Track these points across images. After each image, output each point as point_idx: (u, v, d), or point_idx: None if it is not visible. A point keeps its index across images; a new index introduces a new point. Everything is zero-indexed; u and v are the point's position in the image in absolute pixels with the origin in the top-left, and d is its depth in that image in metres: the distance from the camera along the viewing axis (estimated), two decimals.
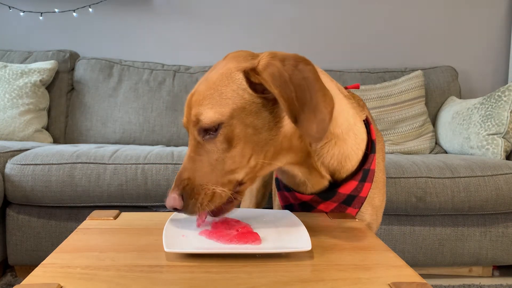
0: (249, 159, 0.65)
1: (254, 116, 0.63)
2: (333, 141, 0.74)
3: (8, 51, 2.17)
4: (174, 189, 0.62)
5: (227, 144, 0.63)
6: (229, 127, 0.62)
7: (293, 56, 0.63)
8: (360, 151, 0.79)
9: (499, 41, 2.46)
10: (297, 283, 0.48)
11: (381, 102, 2.09)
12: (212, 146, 0.63)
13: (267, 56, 0.63)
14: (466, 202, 1.45)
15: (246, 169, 0.65)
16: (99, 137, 2.07)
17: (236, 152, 0.63)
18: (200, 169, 0.63)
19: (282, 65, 0.61)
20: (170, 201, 0.61)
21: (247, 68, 0.63)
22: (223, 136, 0.63)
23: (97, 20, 2.34)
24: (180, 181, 0.63)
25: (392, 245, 1.50)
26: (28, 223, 1.43)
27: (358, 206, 0.81)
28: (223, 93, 0.63)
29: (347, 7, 2.42)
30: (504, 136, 1.70)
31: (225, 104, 0.62)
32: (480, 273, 1.65)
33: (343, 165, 0.77)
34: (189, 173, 0.63)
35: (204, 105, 0.63)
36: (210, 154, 0.63)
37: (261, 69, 0.61)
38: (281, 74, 0.60)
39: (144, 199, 1.42)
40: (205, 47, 2.39)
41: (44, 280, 0.47)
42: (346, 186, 0.77)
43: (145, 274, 0.49)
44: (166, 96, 2.11)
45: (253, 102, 0.63)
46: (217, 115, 0.62)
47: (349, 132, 0.76)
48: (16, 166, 1.39)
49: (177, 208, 0.62)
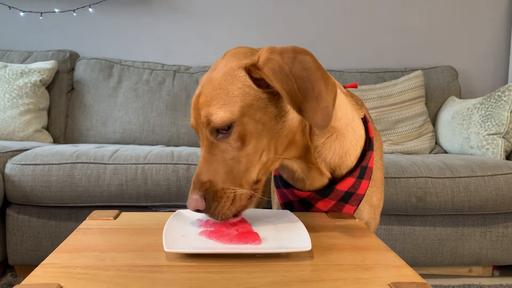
0: (261, 155, 0.66)
1: (262, 112, 0.65)
2: (334, 135, 0.75)
3: (8, 51, 2.17)
4: (195, 190, 0.63)
5: (241, 142, 0.64)
6: (241, 125, 0.63)
7: (292, 49, 0.64)
8: (359, 148, 0.79)
9: (499, 41, 2.46)
10: (297, 283, 0.48)
11: (381, 102, 2.09)
12: (226, 145, 0.64)
13: (266, 51, 0.64)
14: (466, 202, 1.45)
15: (259, 165, 0.66)
16: (99, 137, 2.07)
17: (250, 149, 0.65)
18: (218, 171, 0.64)
19: (281, 58, 0.62)
20: (193, 202, 0.62)
21: (248, 64, 0.64)
22: (236, 134, 0.64)
23: (97, 20, 2.34)
24: (200, 184, 0.63)
25: (392, 245, 1.50)
26: (28, 223, 1.43)
27: (356, 204, 0.81)
28: (229, 92, 0.64)
29: (347, 7, 2.42)
30: (504, 136, 1.70)
31: (234, 102, 0.63)
32: (480, 273, 1.65)
33: (343, 161, 0.77)
34: (208, 175, 0.64)
35: (213, 105, 0.64)
36: (225, 154, 0.64)
37: (261, 65, 0.62)
38: (281, 68, 0.61)
39: (144, 199, 1.42)
40: (205, 47, 2.39)
41: (44, 280, 0.47)
42: (343, 183, 0.78)
43: (145, 274, 0.49)
44: (166, 96, 2.11)
45: (260, 98, 0.65)
46: (228, 114, 0.63)
47: (348, 127, 0.77)
48: (16, 166, 1.39)
49: (200, 210, 0.63)
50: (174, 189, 1.41)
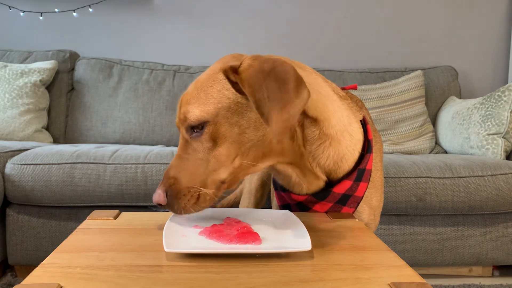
0: (233, 159, 0.66)
1: (239, 116, 0.65)
2: (327, 142, 0.75)
3: (8, 51, 2.17)
4: (161, 185, 0.65)
5: (212, 143, 0.65)
6: (214, 126, 0.65)
7: (274, 59, 0.65)
8: (356, 152, 0.79)
9: (499, 41, 2.47)
10: (297, 283, 0.48)
11: (381, 102, 2.09)
12: (198, 144, 0.66)
13: (249, 58, 0.65)
14: (466, 202, 1.45)
15: (230, 168, 0.67)
16: (99, 137, 2.07)
17: (221, 152, 0.65)
18: (186, 168, 0.66)
19: (260, 67, 0.63)
20: (156, 196, 0.65)
21: (228, 68, 0.66)
22: (208, 134, 0.65)
23: (97, 20, 2.34)
24: (166, 179, 0.66)
25: (392, 245, 1.50)
26: (28, 223, 1.43)
27: (354, 206, 0.81)
28: (209, 93, 0.66)
29: (347, 7, 2.42)
30: (504, 136, 1.70)
31: (211, 103, 0.65)
32: (480, 273, 1.65)
33: (339, 166, 0.77)
34: (175, 171, 0.66)
35: (192, 104, 0.66)
36: (196, 153, 0.66)
37: (241, 70, 0.64)
38: (257, 76, 0.62)
39: (144, 199, 1.42)
40: (205, 47, 2.39)
41: (44, 280, 0.47)
42: (340, 186, 0.77)
43: (145, 274, 0.49)
44: (166, 96, 2.11)
45: (238, 102, 0.66)
46: (203, 113, 0.65)
47: (344, 133, 0.77)
48: (16, 166, 1.39)
49: (161, 205, 0.65)
50: None
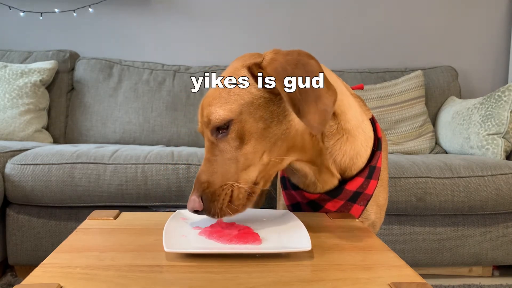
0: (261, 156, 0.66)
1: (263, 110, 0.65)
2: (345, 137, 0.75)
3: (8, 51, 2.17)
4: (194, 191, 0.64)
5: (239, 141, 0.64)
6: (239, 123, 0.64)
7: (297, 52, 0.65)
8: (369, 149, 0.80)
9: (499, 41, 2.46)
10: (297, 283, 0.48)
11: (381, 102, 2.09)
12: (225, 144, 0.65)
13: (271, 52, 0.65)
14: (466, 202, 1.45)
15: (259, 166, 0.66)
16: (99, 137, 2.07)
17: (248, 149, 0.65)
18: (216, 170, 0.64)
19: (285, 60, 0.63)
20: (191, 203, 0.63)
21: (251, 64, 0.66)
22: (234, 133, 0.64)
23: (97, 20, 2.34)
24: (199, 184, 0.64)
25: (392, 245, 1.50)
26: (28, 223, 1.43)
27: (364, 204, 0.81)
28: (230, 91, 0.65)
29: (347, 7, 2.42)
30: (504, 136, 1.70)
31: (233, 100, 0.64)
32: (480, 273, 1.65)
33: (354, 162, 0.77)
34: (206, 175, 0.65)
35: (214, 104, 0.65)
36: (224, 154, 0.65)
37: (265, 65, 0.64)
38: (284, 69, 0.62)
39: (144, 199, 1.42)
40: (205, 47, 2.39)
41: (44, 280, 0.47)
42: (352, 183, 0.78)
43: (145, 274, 0.49)
44: (166, 96, 2.11)
45: (261, 97, 0.65)
46: (226, 112, 0.64)
47: (358, 129, 0.77)
48: (16, 166, 1.39)
49: (198, 210, 0.63)
50: (174, 189, 1.41)
